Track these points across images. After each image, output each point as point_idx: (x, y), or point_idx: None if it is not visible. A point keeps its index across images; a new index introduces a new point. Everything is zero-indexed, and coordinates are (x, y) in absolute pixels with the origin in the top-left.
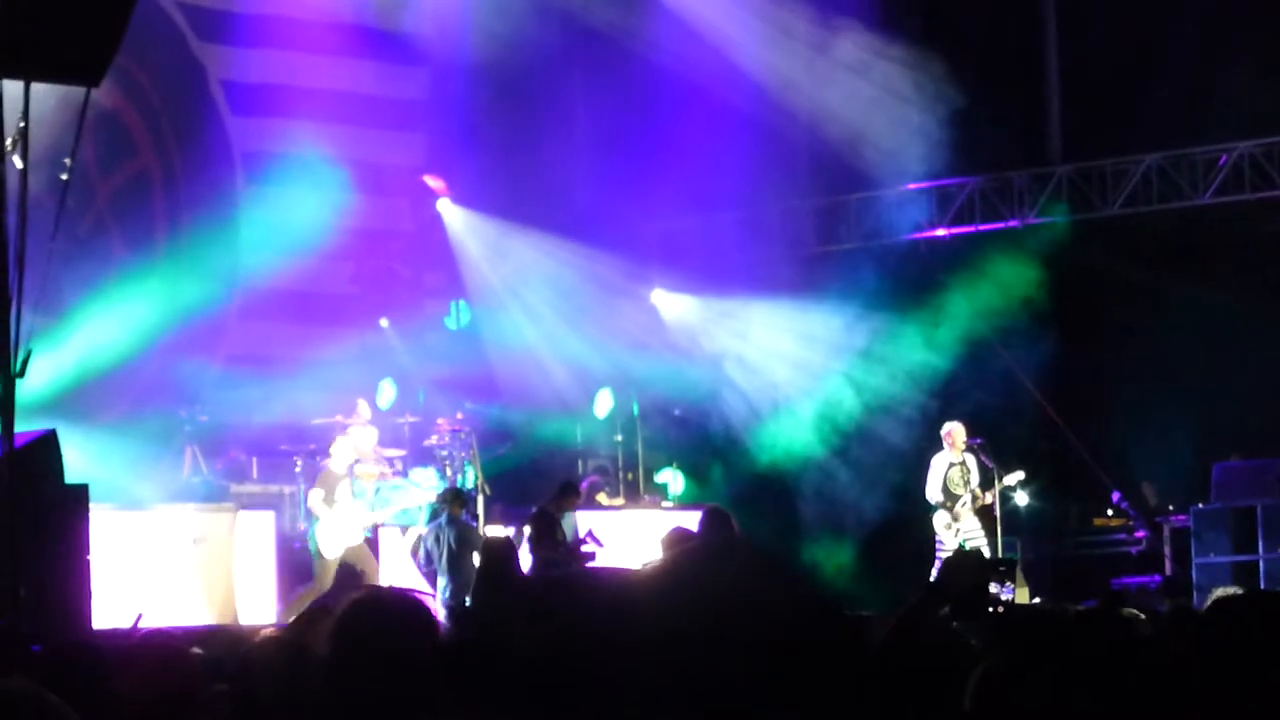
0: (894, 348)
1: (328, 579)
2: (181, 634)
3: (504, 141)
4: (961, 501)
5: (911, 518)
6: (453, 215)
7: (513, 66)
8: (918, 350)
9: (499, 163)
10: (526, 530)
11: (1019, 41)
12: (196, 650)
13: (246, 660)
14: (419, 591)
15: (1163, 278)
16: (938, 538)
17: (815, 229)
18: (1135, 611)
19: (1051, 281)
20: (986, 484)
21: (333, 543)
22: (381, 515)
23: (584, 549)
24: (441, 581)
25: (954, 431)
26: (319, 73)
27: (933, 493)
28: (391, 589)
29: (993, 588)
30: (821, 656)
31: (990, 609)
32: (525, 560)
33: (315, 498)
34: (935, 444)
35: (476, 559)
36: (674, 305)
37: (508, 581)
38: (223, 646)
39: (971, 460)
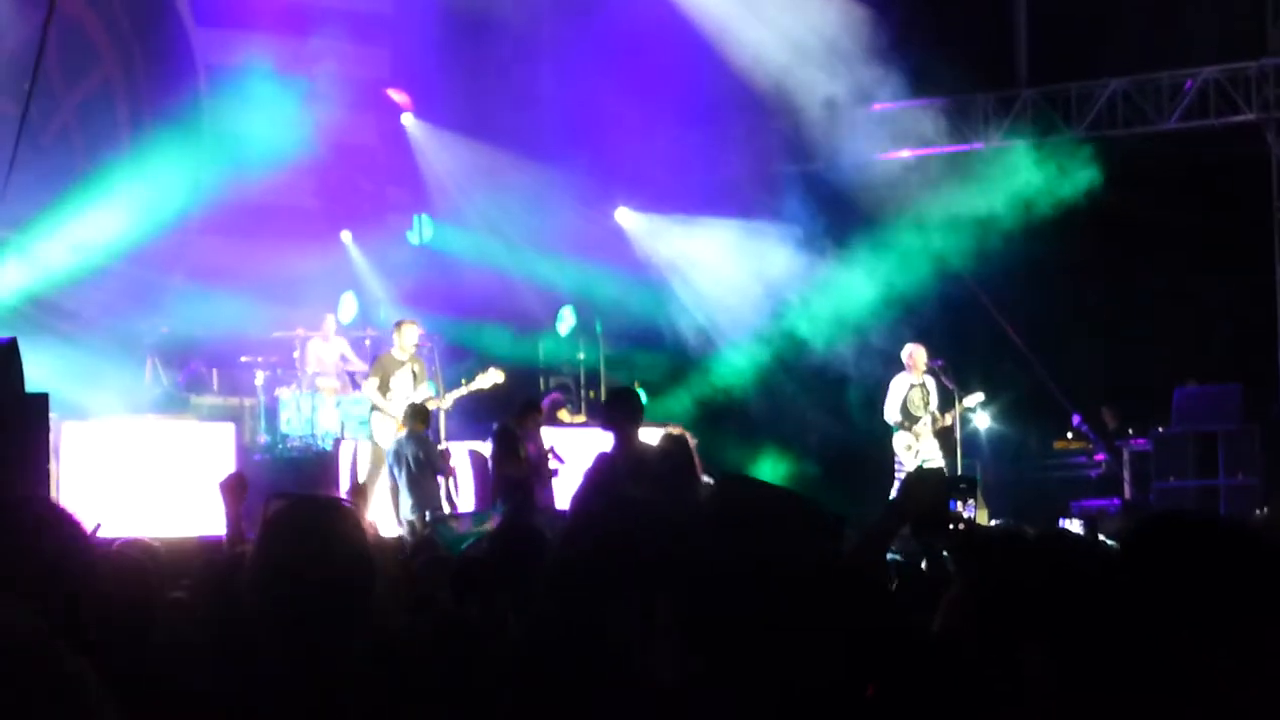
0: (858, 269)
1: (381, 470)
2: (140, 544)
3: (469, 56)
4: (921, 422)
5: (871, 438)
6: (417, 130)
7: None
8: (880, 272)
9: (464, 78)
10: (489, 446)
11: None
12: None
13: (208, 568)
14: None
15: (1126, 202)
16: (897, 459)
17: (780, 149)
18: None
19: (1014, 205)
20: (947, 406)
21: (388, 433)
22: (448, 400)
23: (547, 465)
24: (403, 497)
25: (914, 353)
26: None
27: (891, 413)
28: (317, 495)
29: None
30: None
31: (952, 526)
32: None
33: (370, 386)
34: (896, 365)
35: (440, 480)
36: (638, 223)
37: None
38: (182, 557)
39: (932, 382)
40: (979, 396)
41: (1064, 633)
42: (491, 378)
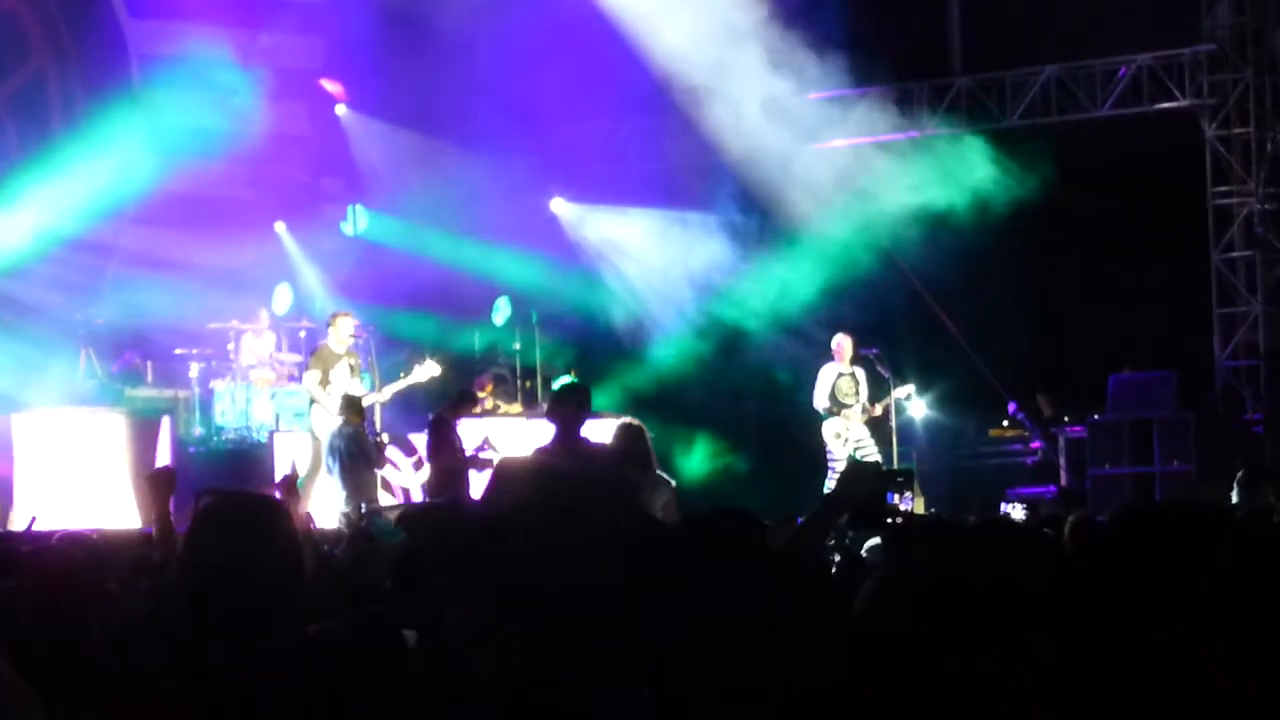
0: (793, 258)
1: (322, 463)
2: (75, 537)
3: (403, 46)
4: (851, 409)
5: (805, 427)
6: (351, 120)
7: None
8: (815, 261)
9: (398, 67)
10: (424, 437)
11: None
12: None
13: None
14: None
15: (1060, 189)
16: (827, 448)
17: (714, 139)
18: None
19: (949, 193)
20: (880, 395)
21: (327, 426)
22: (386, 394)
23: (481, 455)
24: (338, 489)
25: (842, 343)
26: None
27: (820, 401)
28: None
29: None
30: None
31: (889, 519)
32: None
33: (310, 379)
34: (826, 354)
35: (376, 472)
36: (572, 213)
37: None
38: (118, 550)
39: (860, 371)
40: (909, 388)
41: (1049, 623)
42: (428, 370)
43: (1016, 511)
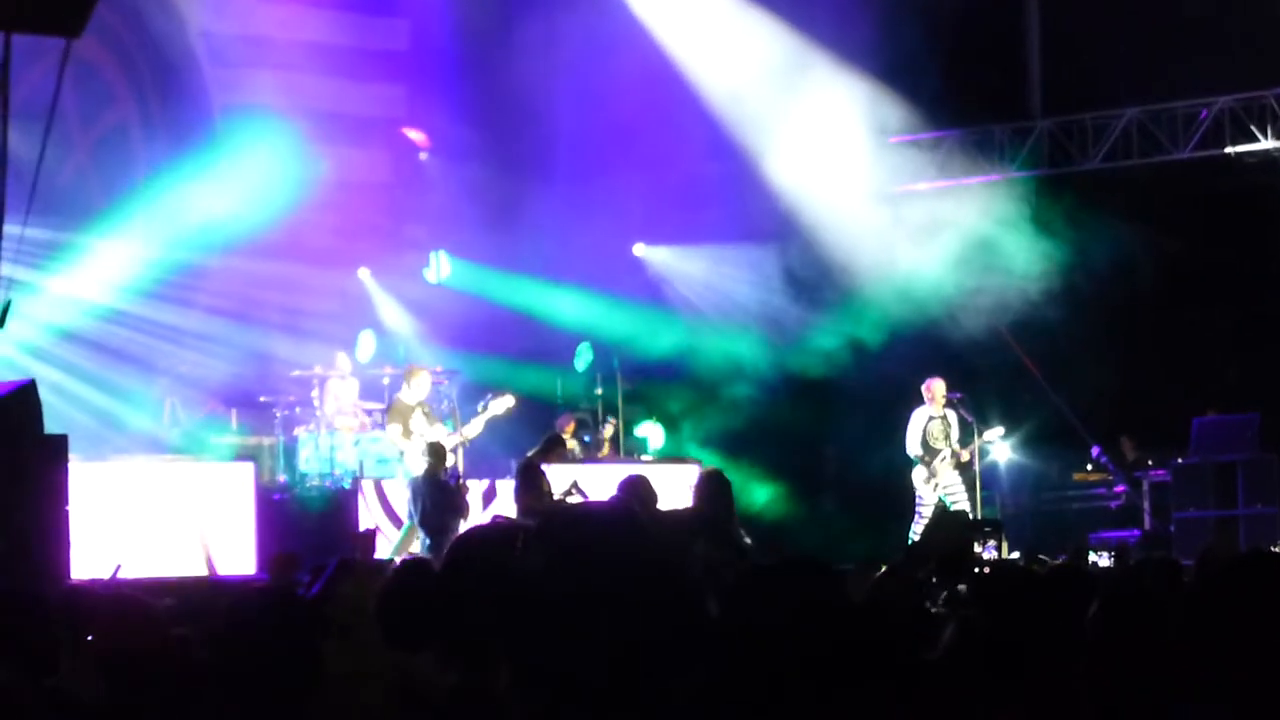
0: (875, 301)
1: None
2: (157, 585)
3: (484, 92)
4: (941, 456)
5: (892, 472)
6: (433, 167)
7: (494, 14)
8: (898, 302)
9: (480, 113)
10: (513, 482)
11: None
12: (168, 601)
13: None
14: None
15: (1142, 232)
16: (917, 493)
17: (798, 183)
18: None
19: (1032, 235)
20: (966, 439)
21: (418, 466)
22: (470, 431)
23: (569, 500)
24: (420, 535)
25: (934, 386)
26: (299, 24)
27: (912, 447)
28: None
29: (977, 547)
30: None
31: (975, 570)
32: (510, 510)
33: (394, 432)
34: (916, 398)
35: (462, 523)
36: (657, 257)
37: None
38: (199, 598)
39: (952, 415)
40: (999, 430)
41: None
42: (504, 402)
43: (1103, 560)
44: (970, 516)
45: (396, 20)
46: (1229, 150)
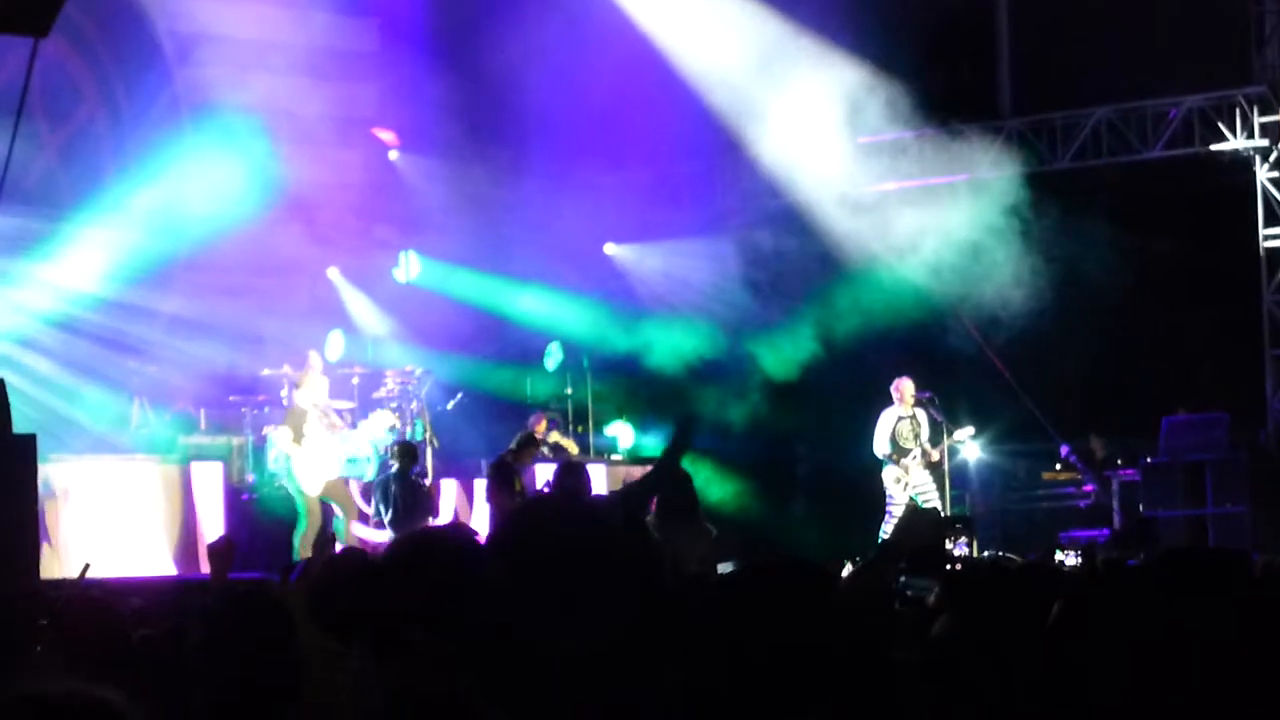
0: (844, 299)
1: (315, 517)
2: (125, 585)
3: (456, 92)
4: (911, 455)
5: (861, 471)
6: (404, 167)
7: (465, 13)
8: (867, 302)
9: (451, 114)
10: (484, 482)
11: None
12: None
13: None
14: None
15: (1111, 231)
16: (888, 492)
17: (769, 181)
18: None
19: (1001, 235)
20: (936, 439)
21: (311, 479)
22: (356, 441)
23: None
24: (387, 536)
25: (903, 386)
26: (268, 24)
27: (880, 447)
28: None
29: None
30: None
31: (946, 565)
32: (482, 512)
33: (284, 437)
34: (884, 398)
35: (430, 518)
36: (627, 256)
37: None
38: (167, 597)
39: (922, 414)
40: (969, 430)
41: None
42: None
43: (1069, 558)
44: (940, 513)
45: (366, 19)
46: (1198, 150)
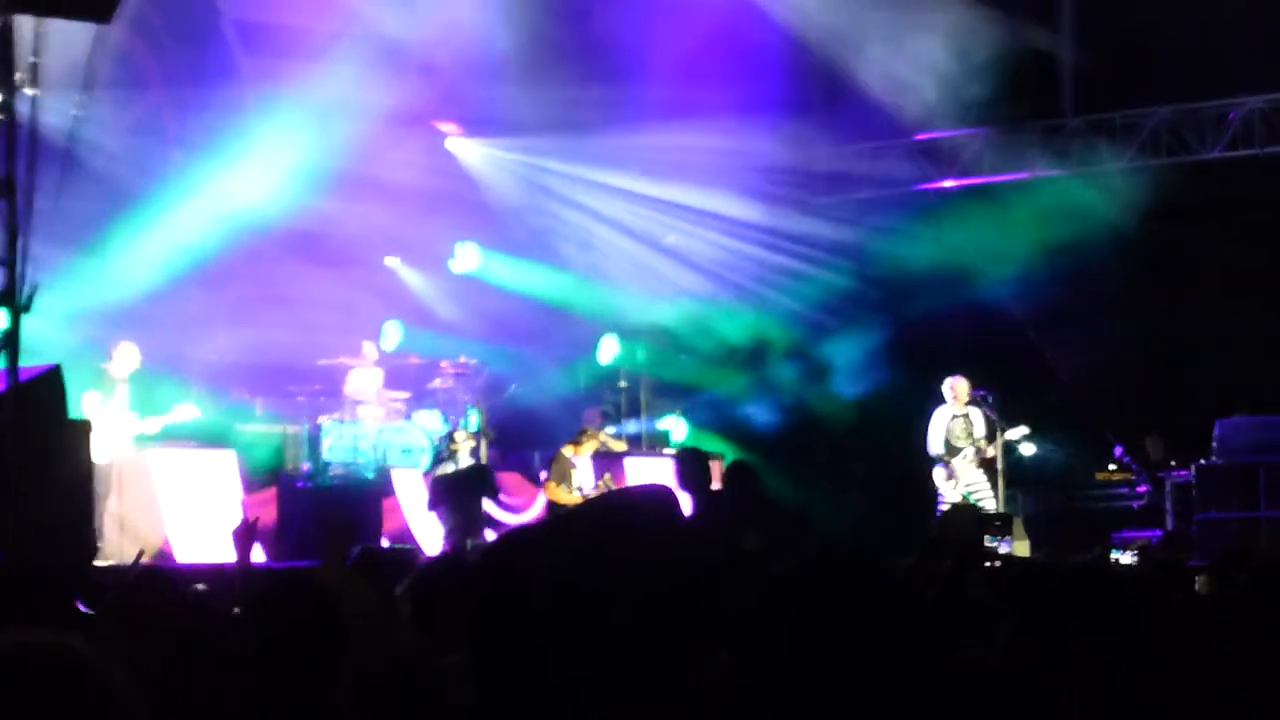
0: (902, 299)
1: (103, 486)
2: (183, 571)
3: (516, 86)
4: (963, 454)
5: (914, 468)
6: (463, 157)
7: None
8: (926, 301)
9: (511, 107)
10: (543, 474)
11: None
12: (200, 587)
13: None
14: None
15: (1170, 232)
16: (939, 491)
17: (827, 178)
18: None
19: (1059, 235)
20: (990, 437)
21: (100, 448)
22: (152, 425)
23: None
24: (446, 521)
25: (956, 385)
26: (332, 13)
27: (934, 445)
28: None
29: (989, 541)
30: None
31: (987, 562)
32: (539, 504)
33: (91, 400)
34: (939, 397)
35: (486, 502)
36: (686, 248)
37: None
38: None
39: (975, 413)
40: (1023, 429)
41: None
42: (190, 411)
43: (1125, 557)
44: (979, 509)
45: (428, 8)
46: (1258, 151)
